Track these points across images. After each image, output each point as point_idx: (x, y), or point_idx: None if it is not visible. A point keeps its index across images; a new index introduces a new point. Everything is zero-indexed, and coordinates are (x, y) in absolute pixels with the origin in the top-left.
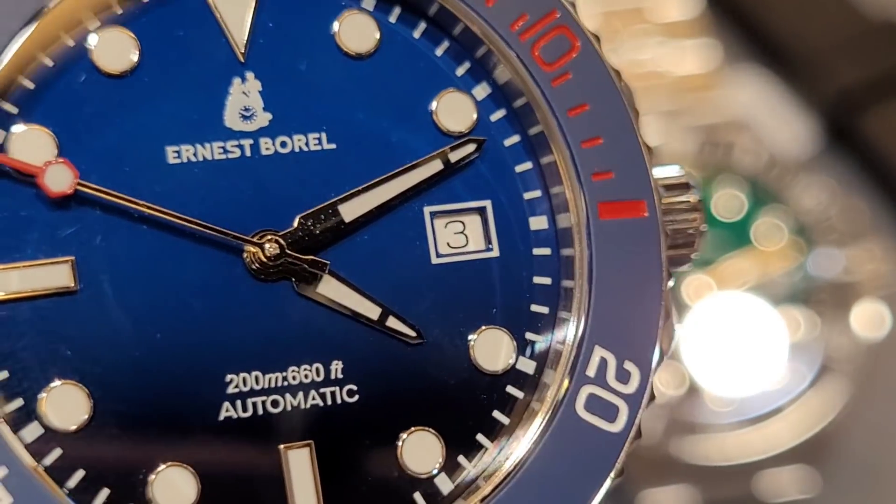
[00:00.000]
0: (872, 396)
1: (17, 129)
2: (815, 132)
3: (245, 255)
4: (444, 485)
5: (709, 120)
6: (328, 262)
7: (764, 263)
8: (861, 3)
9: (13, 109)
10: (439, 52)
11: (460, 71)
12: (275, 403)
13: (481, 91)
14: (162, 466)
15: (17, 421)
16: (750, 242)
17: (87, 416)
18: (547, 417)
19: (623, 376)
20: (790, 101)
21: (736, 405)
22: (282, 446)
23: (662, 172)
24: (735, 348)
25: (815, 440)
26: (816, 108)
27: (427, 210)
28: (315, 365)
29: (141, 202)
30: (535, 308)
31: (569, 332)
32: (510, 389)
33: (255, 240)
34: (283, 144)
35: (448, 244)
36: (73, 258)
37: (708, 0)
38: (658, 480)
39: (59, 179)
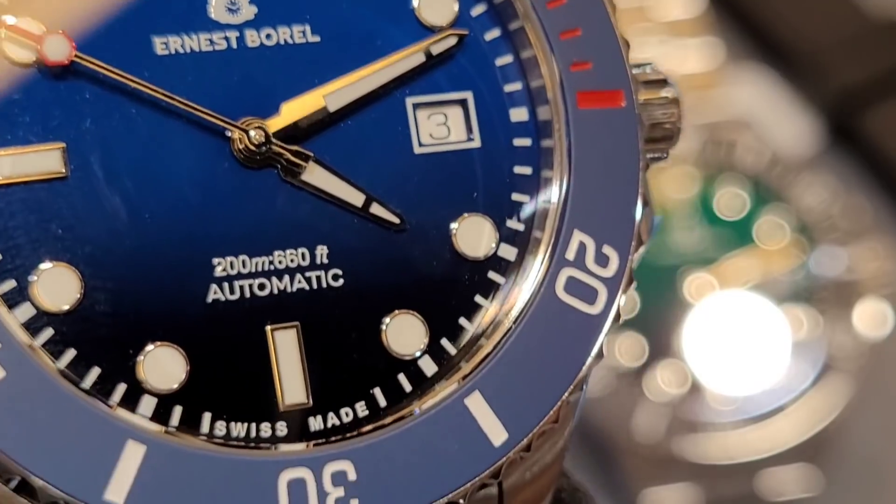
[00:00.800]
0: (875, 395)
1: (9, 20)
2: (817, 130)
3: (232, 142)
4: (428, 366)
5: (711, 118)
6: (311, 154)
7: (766, 262)
8: (863, 2)
9: (4, 1)
10: None
11: None
12: (261, 286)
13: None
14: (151, 346)
15: (11, 301)
16: (752, 241)
17: (78, 297)
18: (527, 300)
19: (602, 260)
20: (792, 99)
21: (738, 404)
22: (268, 327)
23: (640, 68)
24: (737, 347)
25: (818, 439)
26: (819, 106)
27: (409, 101)
28: (300, 250)
29: (135, 78)
30: (515, 196)
31: (548, 218)
32: (492, 275)
33: (241, 125)
34: (269, 37)
35: (430, 135)
36: (63, 144)
37: None
38: (660, 479)
39: (58, 49)
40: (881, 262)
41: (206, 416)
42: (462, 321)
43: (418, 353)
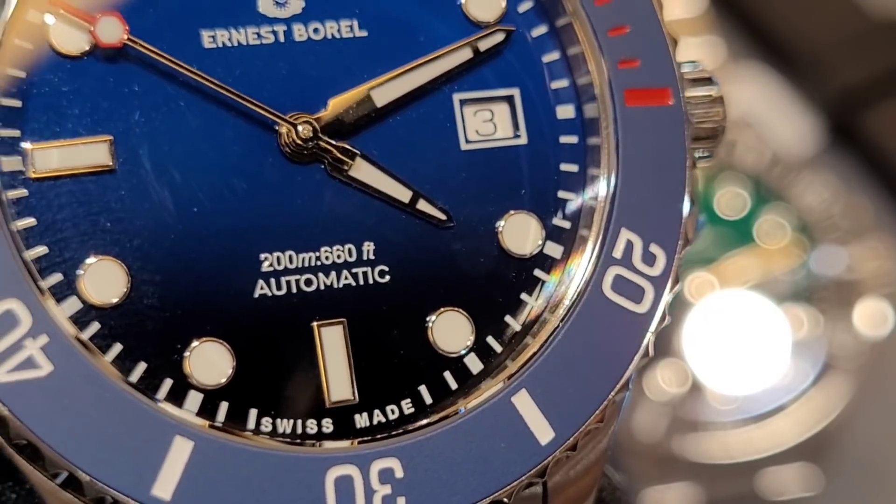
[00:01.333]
0: (875, 394)
1: (59, 10)
2: (817, 130)
3: (279, 136)
4: (474, 364)
5: None
6: (357, 152)
7: (767, 261)
8: (864, 2)
9: None
10: None
11: None
12: (308, 282)
13: None
14: (198, 342)
15: (59, 294)
16: (753, 240)
17: (125, 291)
18: (574, 298)
19: (649, 259)
20: (793, 98)
21: (739, 403)
22: (315, 323)
23: (686, 67)
24: (738, 346)
25: (818, 438)
26: (819, 105)
27: (456, 97)
28: (347, 245)
29: (185, 65)
30: (562, 194)
31: (595, 216)
32: (538, 272)
33: (289, 119)
34: (316, 31)
35: (477, 131)
36: (111, 137)
37: None
38: (661, 478)
39: (111, 31)
40: (881, 261)
41: (253, 412)
42: (508, 319)
43: (464, 351)
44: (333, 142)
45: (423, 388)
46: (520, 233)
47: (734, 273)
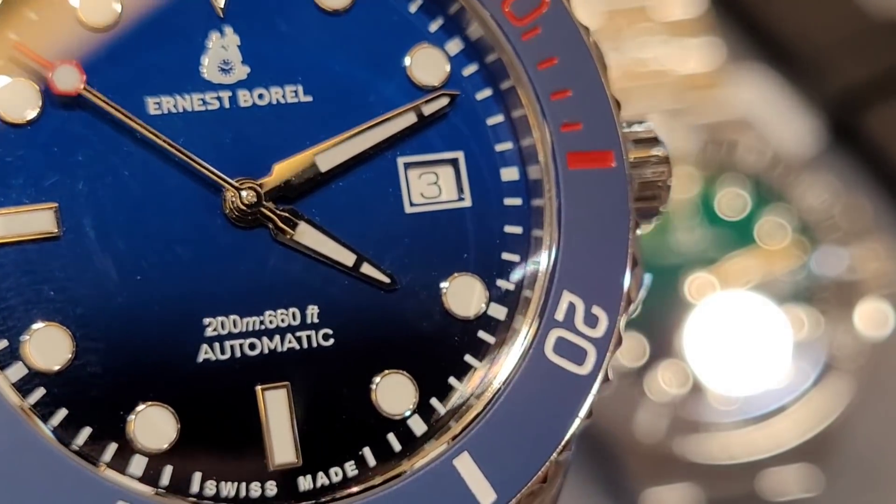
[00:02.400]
0: (876, 395)
1: (2, 80)
2: (818, 130)
3: (224, 201)
4: (417, 426)
5: (712, 118)
6: (303, 215)
7: (767, 262)
8: (864, 1)
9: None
10: (413, 8)
11: (433, 27)
12: (252, 346)
13: (454, 46)
14: (142, 406)
15: (2, 362)
16: (753, 241)
17: (69, 357)
18: (517, 360)
19: (591, 321)
20: (793, 99)
21: (739, 404)
22: (259, 387)
23: (630, 127)
24: (739, 347)
25: (819, 439)
26: (820, 106)
27: (401, 161)
28: (291, 309)
29: (139, 121)
30: (505, 256)
31: (538, 278)
32: (481, 334)
33: (235, 183)
34: (261, 96)
35: (421, 194)
36: (56, 205)
37: None
38: (662, 479)
39: (68, 79)
40: (882, 262)
41: (196, 476)
42: (452, 381)
43: (408, 413)
44: (278, 207)
45: (366, 450)
46: (464, 295)
47: (735, 274)
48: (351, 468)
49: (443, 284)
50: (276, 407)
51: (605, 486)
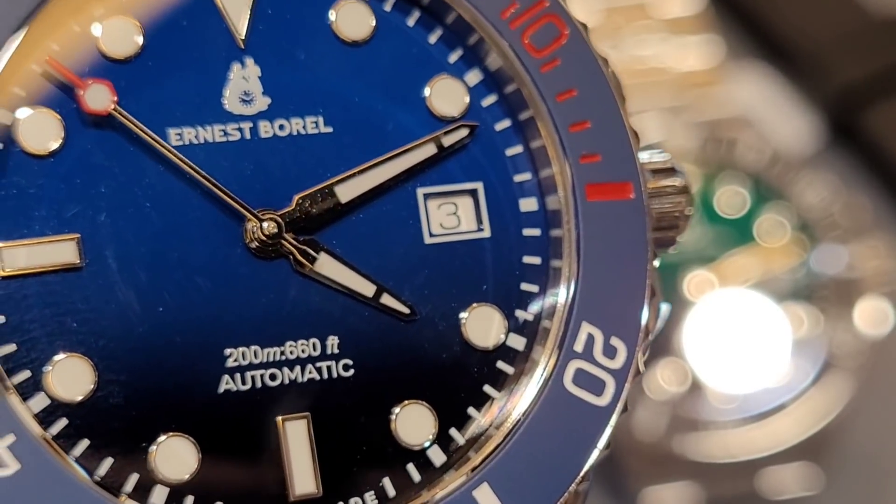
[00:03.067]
0: (876, 393)
1: (22, 113)
2: (817, 128)
3: (245, 232)
4: (437, 456)
5: (711, 116)
6: (322, 248)
7: (767, 260)
8: (865, 1)
9: (21, 93)
10: (432, 39)
11: (453, 58)
12: (273, 377)
13: (473, 77)
14: (163, 437)
15: (25, 391)
16: (753, 239)
17: (91, 388)
18: (536, 391)
19: (610, 352)
20: (793, 97)
21: (739, 402)
22: (279, 418)
23: (649, 157)
24: (738, 345)
25: (819, 437)
26: (819, 104)
27: (420, 192)
28: (312, 340)
29: (166, 144)
30: (525, 286)
31: (557, 309)
32: (500, 365)
33: (257, 214)
34: (282, 127)
35: (441, 224)
36: (78, 235)
37: None
38: (661, 477)
39: (100, 97)
40: (882, 260)
41: None
42: (471, 411)
43: (427, 444)
44: (298, 238)
45: (386, 481)
46: (483, 325)
47: (734, 272)
48: (371, 498)
49: (462, 315)
50: (296, 438)
51: (605, 484)
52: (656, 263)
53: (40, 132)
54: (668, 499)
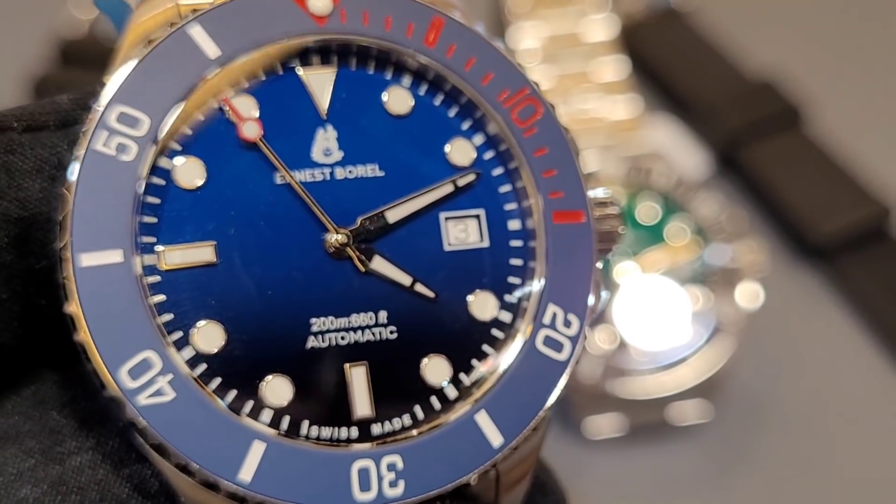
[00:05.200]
0: (751, 350)
1: (179, 160)
2: (709, 161)
3: (324, 241)
4: (451, 392)
5: (633, 152)
6: (376, 250)
7: (673, 255)
8: (742, 68)
9: (178, 147)
10: (451, 113)
11: (465, 125)
12: (342, 338)
13: (478, 139)
14: (270, 376)
15: (178, 345)
16: (663, 240)
17: (223, 343)
18: (518, 351)
19: (567, 324)
20: (691, 138)
21: (653, 356)
22: (347, 364)
23: (595, 193)
24: (653, 315)
25: (710, 381)
26: (710, 143)
27: (442, 215)
28: (368, 313)
29: (289, 173)
30: (511, 279)
31: (533, 294)
32: (494, 332)
33: (336, 227)
34: (350, 172)
35: (455, 237)
36: (215, 242)
37: (633, 66)
38: (598, 410)
39: (252, 130)
40: (755, 255)
41: (305, 423)
42: (474, 362)
43: (445, 384)
44: (360, 246)
45: (417, 408)
46: (482, 305)
47: (650, 263)
48: (407, 419)
49: (469, 298)
50: (357, 378)
51: (557, 415)
52: (600, 265)
53: (189, 174)
54: (603, 425)
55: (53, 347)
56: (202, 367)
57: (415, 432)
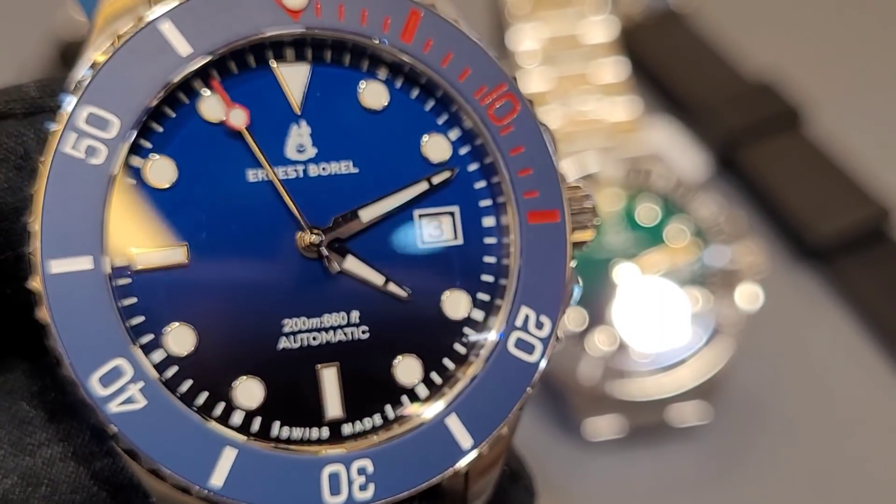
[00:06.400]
0: (750, 351)
1: (150, 159)
2: (708, 162)
3: (297, 240)
4: (423, 392)
5: (633, 153)
6: (349, 249)
7: (673, 256)
8: (741, 70)
9: (148, 145)
10: (427, 107)
11: (440, 120)
12: (314, 338)
13: (454, 134)
14: (241, 378)
15: (148, 349)
16: (663, 241)
17: (194, 345)
18: (489, 351)
19: (539, 325)
20: (690, 140)
21: (653, 357)
22: (318, 365)
23: (571, 190)
24: (652, 316)
25: (710, 382)
26: (709, 145)
27: (416, 213)
28: (341, 313)
29: (269, 165)
30: (484, 277)
31: (506, 294)
32: (466, 331)
33: (310, 225)
34: (324, 169)
35: (430, 235)
36: (186, 244)
37: (633, 67)
38: (597, 411)
39: (239, 118)
40: (754, 256)
41: (276, 424)
42: (446, 361)
43: (416, 383)
44: (334, 245)
45: (388, 408)
46: (455, 303)
47: (650, 264)
48: (378, 419)
49: (442, 296)
50: (329, 379)
51: (556, 417)
52: (573, 264)
53: (161, 174)
54: (602, 426)
55: (22, 336)
56: (173, 369)
57: (385, 434)
